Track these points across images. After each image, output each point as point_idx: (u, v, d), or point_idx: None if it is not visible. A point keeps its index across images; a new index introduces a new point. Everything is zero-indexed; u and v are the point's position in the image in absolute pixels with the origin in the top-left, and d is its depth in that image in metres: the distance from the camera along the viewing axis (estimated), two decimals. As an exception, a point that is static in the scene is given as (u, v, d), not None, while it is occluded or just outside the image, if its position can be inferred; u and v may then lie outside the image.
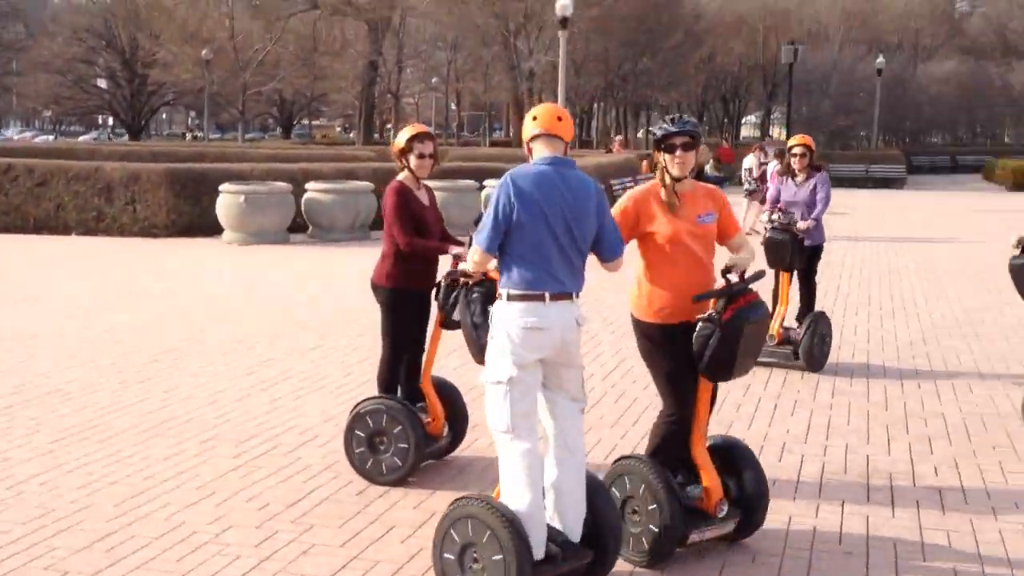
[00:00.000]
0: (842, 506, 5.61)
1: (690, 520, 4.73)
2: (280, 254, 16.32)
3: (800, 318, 8.91)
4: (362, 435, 5.89)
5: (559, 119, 4.52)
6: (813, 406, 7.64)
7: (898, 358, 9.30)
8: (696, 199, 4.96)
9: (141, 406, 7.36)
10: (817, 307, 9.17)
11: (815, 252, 9.07)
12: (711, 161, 34.04)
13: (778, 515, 5.36)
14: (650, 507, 4.66)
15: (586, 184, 4.52)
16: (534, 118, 4.54)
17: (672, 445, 4.92)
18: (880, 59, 55.67)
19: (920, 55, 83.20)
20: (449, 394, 6.22)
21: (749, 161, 21.30)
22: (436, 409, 6.04)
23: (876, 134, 58.44)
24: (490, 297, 4.84)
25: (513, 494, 4.35)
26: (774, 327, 8.60)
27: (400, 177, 6.03)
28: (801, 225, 8.70)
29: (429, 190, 6.22)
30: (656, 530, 4.66)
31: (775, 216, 8.78)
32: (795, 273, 8.97)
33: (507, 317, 4.39)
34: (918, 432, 7.01)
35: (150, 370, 8.42)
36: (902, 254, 17.29)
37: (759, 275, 4.98)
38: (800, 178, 9.06)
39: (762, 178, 19.24)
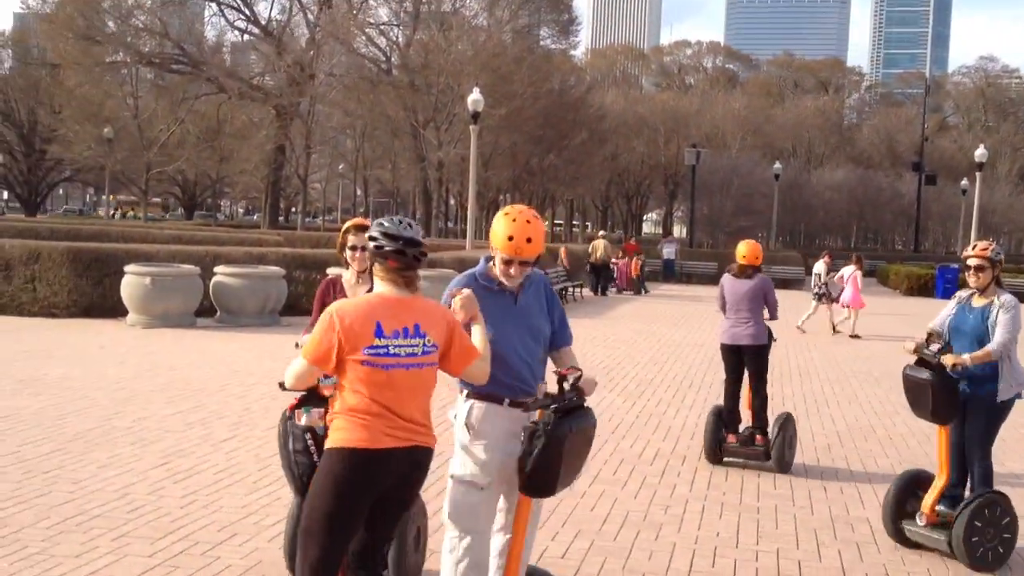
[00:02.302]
0: (781, 614, 5.55)
1: None
2: (187, 338, 15.86)
3: (763, 421, 9.12)
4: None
5: None
6: (740, 509, 7.62)
7: (817, 460, 9.38)
8: None
9: (46, 499, 6.96)
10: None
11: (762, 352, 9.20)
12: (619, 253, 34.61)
13: (720, 624, 5.27)
14: None
15: None
16: None
17: None
18: (777, 165, 57.72)
19: (813, 162, 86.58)
20: None
21: (819, 267, 22.82)
22: None
23: (775, 236, 60.20)
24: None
25: None
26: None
27: (337, 270, 5.88)
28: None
29: None
30: None
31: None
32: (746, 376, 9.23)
33: None
34: (846, 537, 7.02)
35: (55, 460, 7.99)
36: (809, 355, 17.62)
37: None
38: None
39: (830, 282, 21.81)
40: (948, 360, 6.46)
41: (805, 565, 6.40)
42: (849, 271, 21.50)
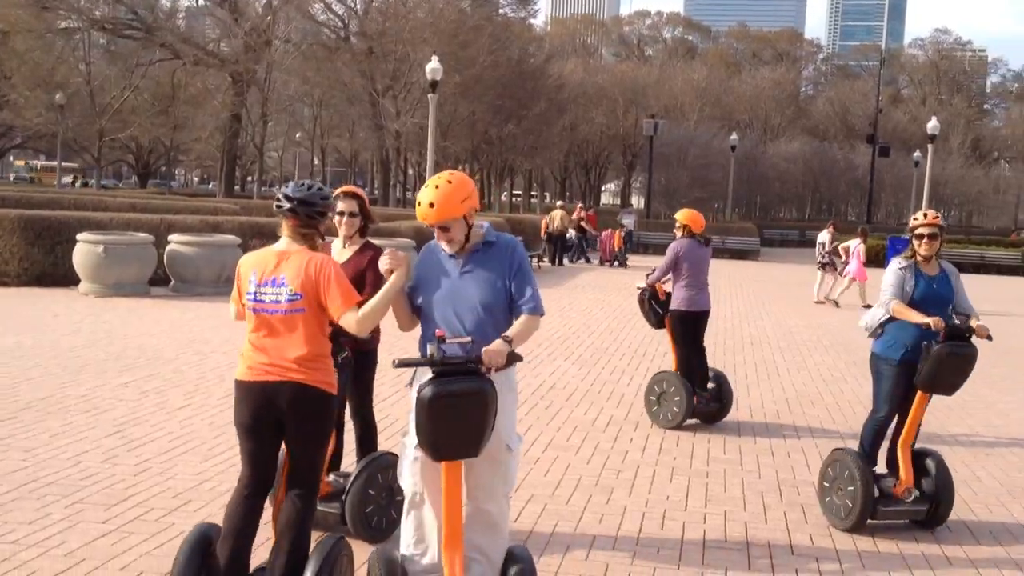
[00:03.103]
0: (725, 574, 5.69)
1: None
2: (141, 307, 15.76)
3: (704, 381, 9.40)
4: None
5: None
6: (690, 473, 7.76)
7: (766, 426, 9.56)
8: None
9: (-1, 466, 6.96)
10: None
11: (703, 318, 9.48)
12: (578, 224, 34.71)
13: (667, 584, 5.40)
14: None
15: None
16: None
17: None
18: (733, 136, 58.03)
19: (769, 134, 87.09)
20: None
21: (823, 236, 23.27)
22: None
23: (730, 207, 60.61)
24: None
25: None
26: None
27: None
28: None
29: (368, 249, 5.98)
30: None
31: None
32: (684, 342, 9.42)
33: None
34: (792, 500, 7.18)
35: (6, 428, 7.96)
36: (761, 324, 17.86)
37: None
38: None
39: (835, 251, 22.52)
40: (983, 329, 6.36)
41: (751, 526, 6.55)
42: (855, 244, 21.93)
